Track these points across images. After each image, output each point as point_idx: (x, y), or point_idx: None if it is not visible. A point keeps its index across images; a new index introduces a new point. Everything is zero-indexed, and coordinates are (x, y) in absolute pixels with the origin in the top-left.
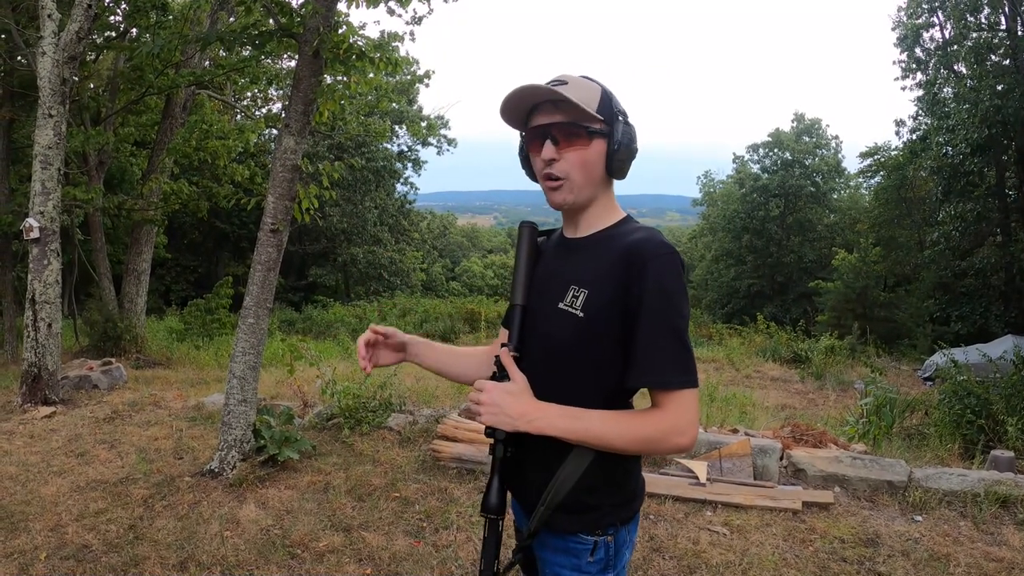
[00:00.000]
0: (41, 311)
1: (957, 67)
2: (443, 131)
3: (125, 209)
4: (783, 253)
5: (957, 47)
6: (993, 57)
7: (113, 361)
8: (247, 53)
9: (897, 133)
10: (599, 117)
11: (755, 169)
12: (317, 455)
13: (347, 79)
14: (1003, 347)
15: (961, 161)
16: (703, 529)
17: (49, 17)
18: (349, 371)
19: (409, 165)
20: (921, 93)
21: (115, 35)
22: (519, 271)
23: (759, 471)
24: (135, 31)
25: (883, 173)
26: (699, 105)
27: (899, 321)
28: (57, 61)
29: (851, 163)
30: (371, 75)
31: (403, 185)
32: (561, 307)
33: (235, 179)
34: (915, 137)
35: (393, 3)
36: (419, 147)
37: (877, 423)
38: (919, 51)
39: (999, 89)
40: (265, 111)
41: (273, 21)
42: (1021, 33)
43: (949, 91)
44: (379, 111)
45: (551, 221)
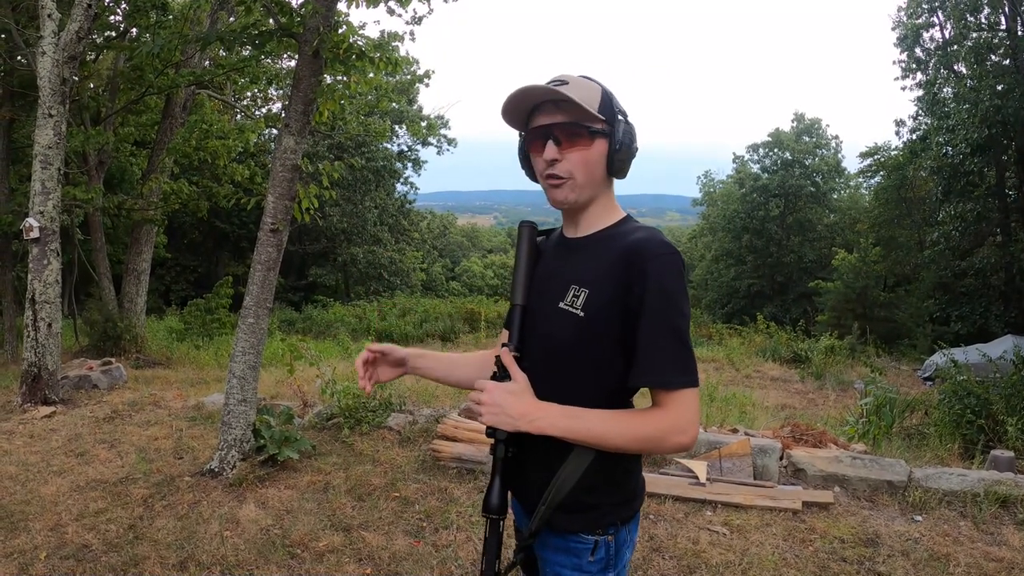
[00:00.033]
0: (41, 311)
1: (957, 67)
2: (443, 131)
3: (125, 209)
4: (783, 253)
5: (957, 47)
6: (993, 57)
7: (113, 361)
8: (247, 53)
9: (897, 133)
10: (601, 117)
11: (755, 169)
12: (317, 455)
13: (347, 79)
14: (1003, 347)
15: (961, 161)
16: (703, 529)
17: (49, 17)
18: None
19: (409, 165)
20: (921, 93)
21: (115, 35)
22: (519, 271)
23: (759, 471)
24: (135, 31)
25: (883, 173)
26: (699, 105)
27: (899, 321)
28: (57, 61)
29: (851, 163)
30: (371, 75)
31: (403, 185)
32: (562, 307)
33: (235, 179)
34: (915, 137)
35: (393, 3)
36: (419, 147)
37: (877, 423)
38: (919, 51)
39: (999, 89)
40: (265, 111)
41: (273, 21)
42: (1021, 33)
43: (949, 91)
44: (379, 111)
45: (551, 221)
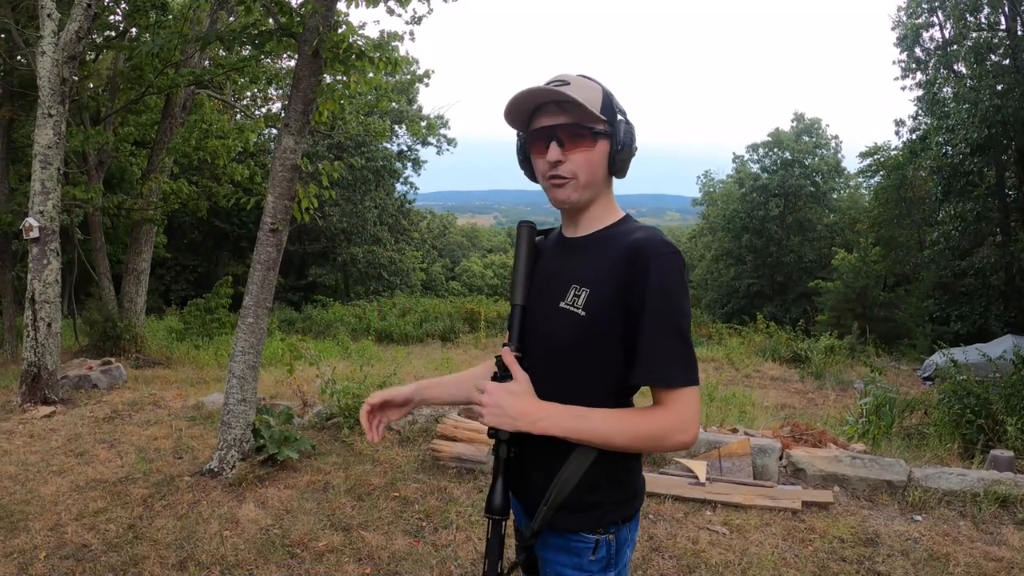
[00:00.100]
0: (41, 310)
1: (957, 67)
2: (443, 131)
3: (125, 209)
4: (783, 253)
5: (957, 47)
6: (993, 57)
7: (113, 361)
8: (247, 52)
9: (897, 133)
10: (603, 118)
11: (755, 169)
12: (316, 454)
13: (347, 79)
14: (1003, 347)
15: (961, 161)
16: (702, 528)
17: (49, 17)
18: (348, 370)
19: (409, 165)
20: (921, 93)
21: (115, 34)
22: (518, 271)
23: (759, 471)
24: (135, 30)
25: (883, 173)
26: (699, 105)
27: (899, 321)
28: (57, 61)
29: (851, 163)
30: (371, 75)
31: (403, 185)
32: (562, 306)
33: (235, 178)
34: (915, 137)
35: (393, 3)
36: (419, 147)
37: (876, 423)
38: (919, 51)
39: (999, 89)
40: (265, 110)
41: (273, 20)
42: (1021, 33)
43: (949, 91)
44: (379, 111)
45: (551, 221)
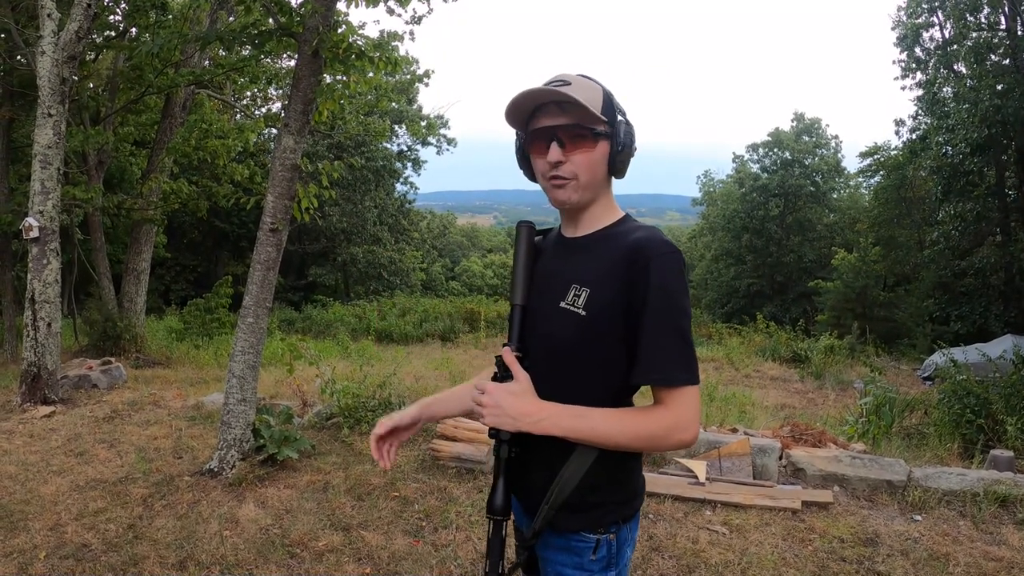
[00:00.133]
0: (41, 310)
1: (957, 67)
2: (443, 131)
3: (125, 208)
4: (783, 253)
5: (957, 47)
6: (993, 57)
7: (112, 360)
8: (247, 52)
9: (897, 133)
10: (603, 119)
11: (755, 169)
12: (316, 454)
13: (346, 78)
14: (1002, 347)
15: (961, 161)
16: (702, 528)
17: (49, 16)
18: (348, 370)
19: (409, 165)
20: (921, 93)
21: (115, 34)
22: (518, 271)
23: (758, 470)
24: (134, 30)
25: (883, 173)
26: (699, 105)
27: (899, 321)
28: (56, 60)
29: (851, 163)
30: (370, 74)
31: (403, 184)
32: (563, 306)
33: (234, 178)
34: (915, 137)
35: (392, 2)
36: (419, 147)
37: (876, 422)
38: (919, 51)
39: (999, 89)
40: (264, 110)
41: (272, 20)
42: (1021, 33)
43: (949, 91)
44: (379, 110)
45: (551, 220)
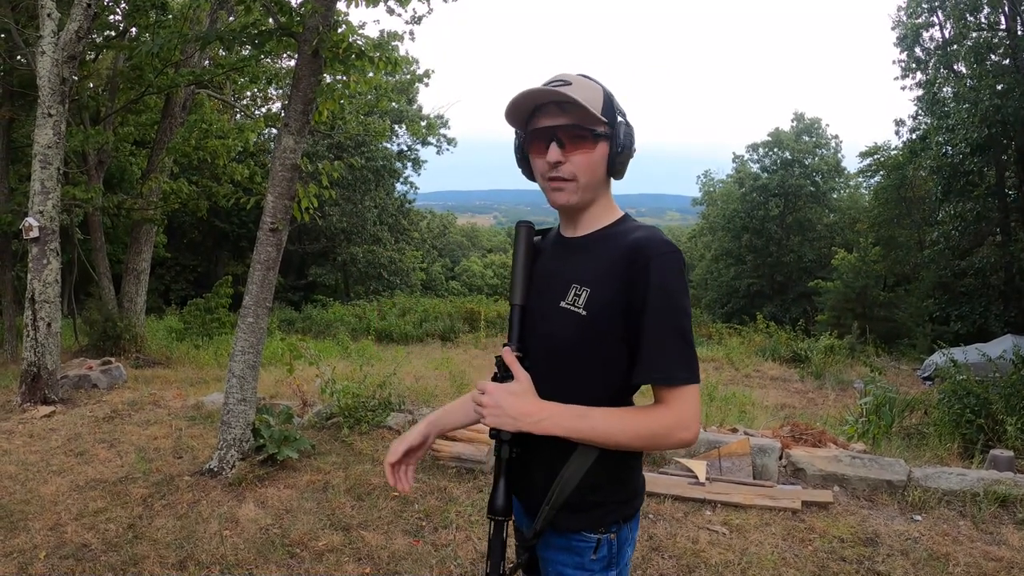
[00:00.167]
0: (40, 310)
1: (957, 67)
2: (443, 130)
3: (125, 208)
4: (783, 253)
5: (957, 47)
6: (993, 57)
7: (112, 360)
8: (247, 52)
9: (897, 133)
10: (603, 120)
11: (755, 168)
12: (316, 454)
13: (346, 78)
14: (1002, 346)
15: (961, 161)
16: (702, 528)
17: (48, 16)
18: (348, 370)
19: (409, 164)
20: (921, 93)
21: (115, 34)
22: (517, 271)
23: (758, 470)
24: (134, 30)
25: (883, 173)
26: (699, 105)
27: (899, 321)
28: (56, 60)
29: (851, 163)
30: (370, 74)
31: (403, 184)
32: (563, 306)
33: (234, 178)
34: (915, 137)
35: (392, 2)
36: (419, 146)
37: (876, 422)
38: (919, 51)
39: (999, 89)
40: (264, 110)
41: (272, 20)
42: (1021, 33)
43: (949, 91)
44: (379, 110)
45: (550, 220)
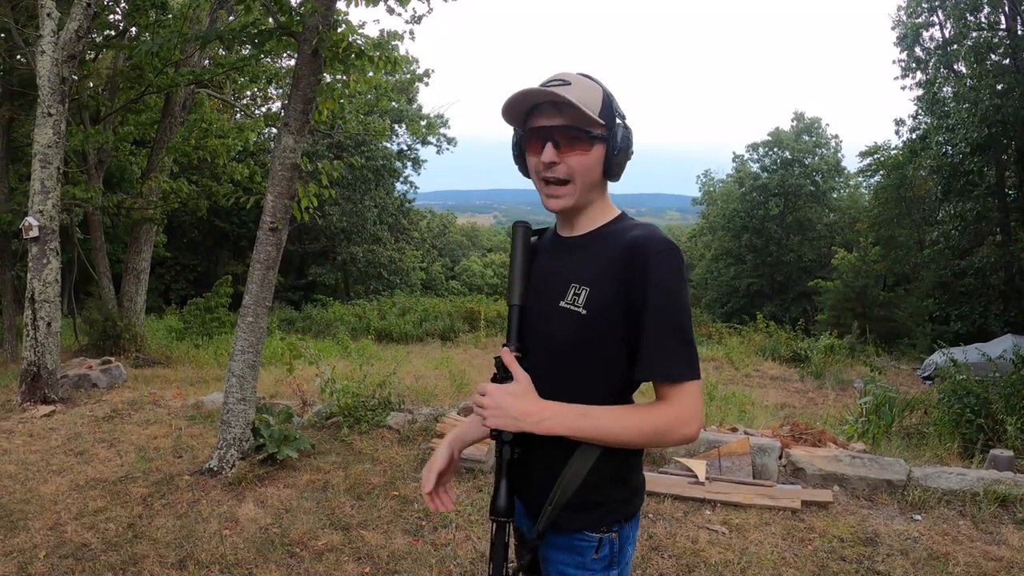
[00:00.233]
0: (40, 310)
1: (957, 66)
2: (443, 130)
3: (124, 208)
4: (783, 252)
5: (957, 46)
6: (993, 56)
7: (112, 360)
8: (246, 52)
9: (897, 132)
10: (601, 122)
11: (755, 168)
12: (316, 454)
13: (346, 78)
14: (1002, 346)
15: (961, 160)
16: (702, 528)
17: (48, 16)
18: (348, 370)
19: (409, 164)
20: (921, 92)
21: (114, 34)
22: (515, 271)
23: (758, 470)
24: (134, 30)
25: (883, 172)
26: (699, 105)
27: (898, 320)
28: (56, 60)
29: (851, 162)
30: (370, 74)
31: (403, 184)
32: (563, 305)
33: (234, 178)
34: (915, 136)
35: (392, 2)
36: (419, 146)
37: (876, 422)
38: (919, 50)
39: (999, 88)
40: (264, 110)
41: (272, 20)
42: (1021, 33)
43: (949, 90)
44: (378, 110)
45: (550, 220)
